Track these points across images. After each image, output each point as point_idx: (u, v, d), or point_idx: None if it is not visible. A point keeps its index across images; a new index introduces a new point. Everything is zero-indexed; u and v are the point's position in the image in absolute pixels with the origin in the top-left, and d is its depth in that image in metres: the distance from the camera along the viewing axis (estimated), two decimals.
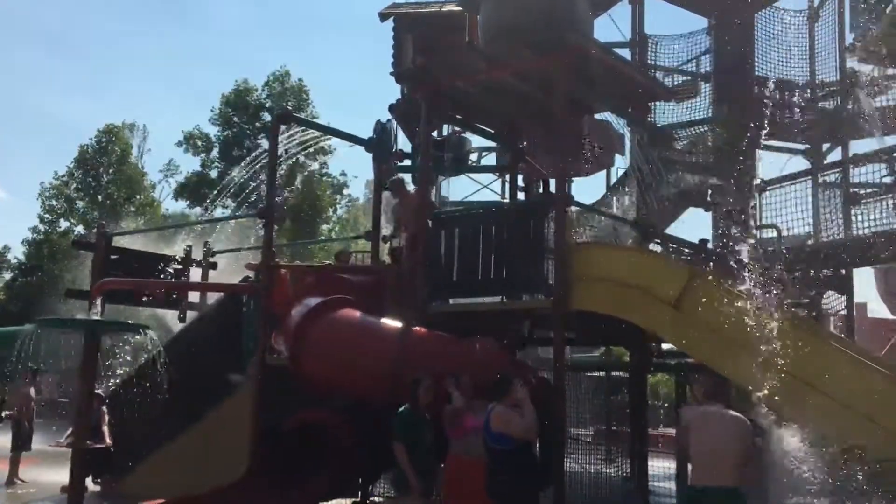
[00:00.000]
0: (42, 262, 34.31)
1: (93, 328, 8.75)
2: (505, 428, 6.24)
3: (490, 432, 6.28)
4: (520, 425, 6.26)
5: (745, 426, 5.54)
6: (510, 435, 6.25)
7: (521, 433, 6.27)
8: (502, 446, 6.24)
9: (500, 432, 6.24)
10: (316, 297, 8.99)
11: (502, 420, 6.27)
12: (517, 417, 6.29)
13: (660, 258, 8.93)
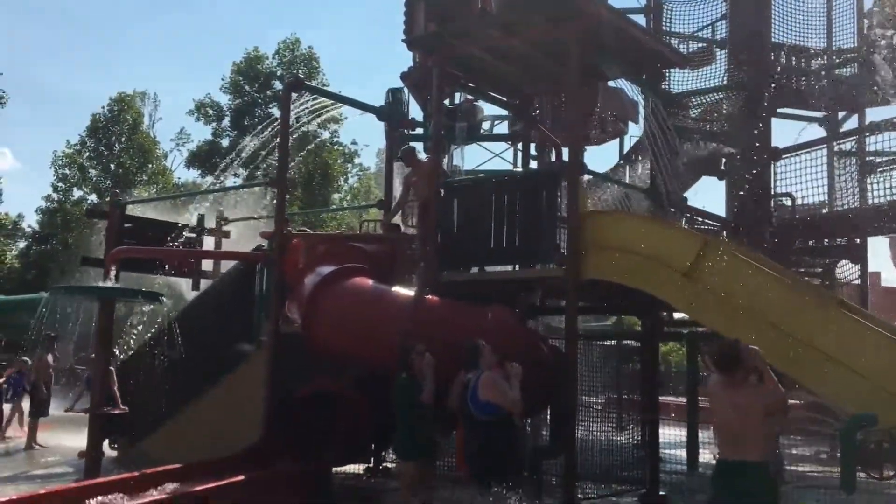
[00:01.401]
0: (56, 230, 34.54)
1: (108, 296, 8.83)
2: (494, 397, 6.24)
3: (476, 400, 6.27)
4: (509, 396, 6.26)
5: (766, 397, 5.15)
6: (497, 405, 6.25)
7: (508, 404, 6.27)
8: (486, 415, 6.24)
9: (486, 401, 6.24)
10: (329, 266, 9.02)
11: (492, 389, 6.25)
12: (507, 388, 6.29)
13: (673, 227, 8.89)
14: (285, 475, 7.78)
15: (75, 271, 17.79)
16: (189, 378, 10.25)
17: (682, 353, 25.59)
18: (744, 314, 6.89)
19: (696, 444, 11.44)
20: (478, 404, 6.26)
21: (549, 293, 10.11)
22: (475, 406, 6.28)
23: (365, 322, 8.36)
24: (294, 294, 9.32)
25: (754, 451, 5.00)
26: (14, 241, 36.08)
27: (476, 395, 6.26)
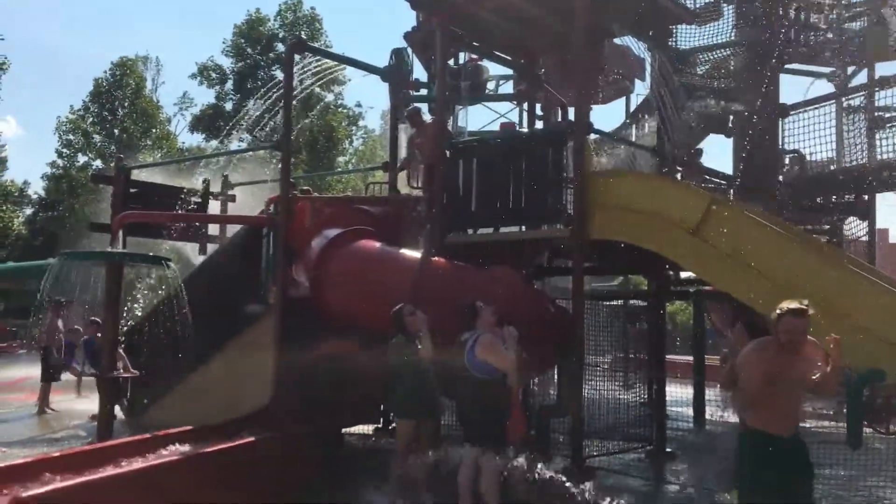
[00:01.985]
0: (62, 197, 34.60)
1: (115, 260, 8.86)
2: (491, 357, 6.28)
3: (473, 359, 6.31)
4: (505, 357, 6.30)
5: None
6: (493, 365, 6.29)
7: (504, 365, 6.31)
8: (482, 375, 6.29)
9: (483, 360, 6.28)
10: (335, 229, 9.02)
11: (489, 349, 6.29)
12: (503, 349, 6.32)
13: (679, 185, 8.85)
14: (296, 436, 7.86)
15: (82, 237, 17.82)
16: (197, 342, 10.32)
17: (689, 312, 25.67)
18: (751, 272, 6.88)
19: (702, 402, 11.53)
20: (474, 363, 6.31)
21: (556, 254, 10.11)
22: (472, 365, 6.32)
23: (371, 284, 8.38)
24: (300, 257, 9.33)
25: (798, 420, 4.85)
26: (21, 208, 36.18)
27: (473, 355, 6.31)
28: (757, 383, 4.62)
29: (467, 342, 6.43)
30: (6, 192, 34.19)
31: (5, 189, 34.22)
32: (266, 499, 6.78)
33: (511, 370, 6.44)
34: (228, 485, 6.53)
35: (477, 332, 6.43)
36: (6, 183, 34.88)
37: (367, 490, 7.75)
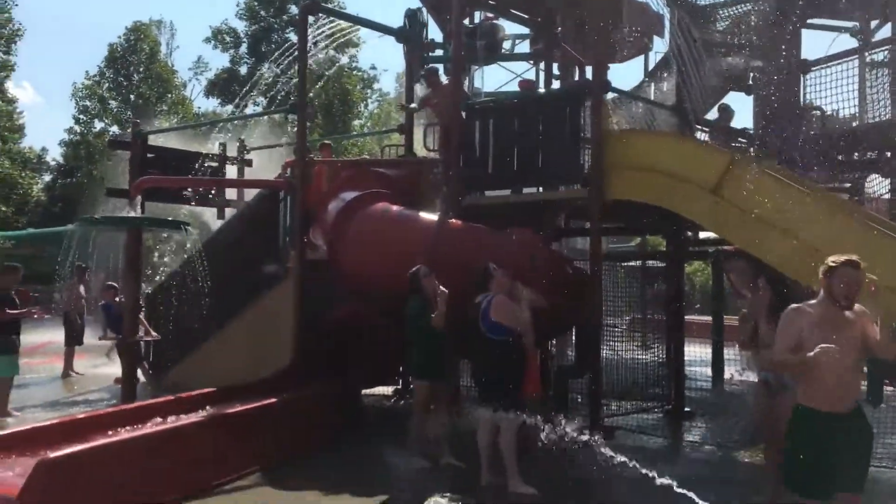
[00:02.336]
0: (80, 163, 34.76)
1: (134, 225, 8.91)
2: (505, 318, 6.29)
3: (488, 321, 6.33)
4: (519, 318, 6.32)
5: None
6: (507, 326, 6.31)
7: (518, 326, 6.33)
8: (496, 336, 6.31)
9: (497, 322, 6.30)
10: (352, 192, 9.02)
11: (503, 310, 6.31)
12: (517, 310, 6.33)
13: (699, 144, 8.75)
14: (316, 397, 7.95)
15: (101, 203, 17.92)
16: (217, 306, 10.41)
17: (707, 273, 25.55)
18: (771, 231, 6.82)
19: (720, 362, 11.53)
20: (489, 325, 6.33)
21: (574, 215, 10.07)
22: (486, 327, 6.35)
23: (389, 247, 8.39)
24: (318, 220, 9.36)
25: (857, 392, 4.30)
26: (39, 175, 36.40)
27: (487, 316, 6.33)
28: (806, 348, 4.00)
29: (481, 304, 6.44)
30: (25, 158, 34.35)
31: (24, 156, 34.37)
32: (287, 458, 6.89)
33: (526, 331, 6.46)
34: (250, 444, 6.64)
35: (491, 295, 6.44)
36: (24, 150, 35.03)
37: (386, 449, 7.86)
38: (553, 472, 6.83)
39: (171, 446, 5.96)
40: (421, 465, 6.90)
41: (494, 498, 6.15)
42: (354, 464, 7.16)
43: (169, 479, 5.70)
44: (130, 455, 5.57)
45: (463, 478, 6.55)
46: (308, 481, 6.29)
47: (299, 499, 5.98)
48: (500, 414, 6.23)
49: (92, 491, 5.05)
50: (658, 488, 6.52)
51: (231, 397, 7.61)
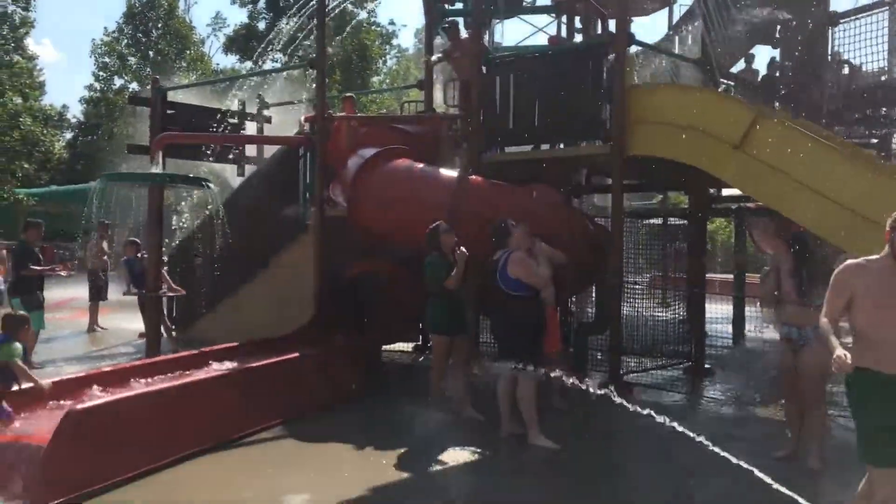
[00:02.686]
0: (100, 120, 34.84)
1: (156, 182, 8.94)
2: (523, 275, 6.28)
3: (506, 277, 6.33)
4: (537, 274, 6.30)
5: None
6: (526, 282, 6.30)
7: (536, 282, 6.31)
8: (515, 292, 6.31)
9: (516, 278, 6.29)
10: (371, 148, 8.98)
11: (521, 267, 6.29)
12: (535, 266, 6.31)
13: (723, 98, 8.59)
14: (337, 352, 8.02)
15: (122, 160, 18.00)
16: (239, 263, 10.49)
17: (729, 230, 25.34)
18: (797, 187, 6.73)
19: (742, 319, 11.49)
20: (507, 281, 6.33)
21: (595, 171, 9.98)
22: (504, 283, 6.35)
23: (408, 203, 8.37)
24: (338, 177, 9.34)
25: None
26: (61, 133, 36.53)
27: (506, 273, 6.33)
28: (858, 309, 3.80)
29: (499, 261, 6.44)
30: (46, 116, 34.45)
31: (45, 113, 34.46)
32: (309, 412, 6.98)
33: (544, 287, 6.45)
34: (272, 398, 6.73)
35: (509, 251, 6.43)
36: (46, 107, 35.12)
37: (406, 403, 7.94)
38: (573, 427, 6.89)
39: (195, 399, 6.05)
40: (441, 419, 6.97)
41: (513, 450, 6.21)
42: (375, 418, 7.25)
43: (193, 430, 5.80)
44: (155, 407, 5.66)
45: (482, 431, 6.62)
46: (329, 435, 6.38)
47: (321, 451, 6.08)
48: (518, 368, 6.27)
49: (118, 441, 5.15)
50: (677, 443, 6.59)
51: (254, 352, 7.70)
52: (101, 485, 4.88)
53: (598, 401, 7.98)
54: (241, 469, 5.57)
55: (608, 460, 6.29)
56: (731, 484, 5.49)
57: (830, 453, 5.68)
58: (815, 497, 5.00)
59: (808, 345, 5.50)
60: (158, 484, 5.15)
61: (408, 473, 5.52)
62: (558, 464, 5.92)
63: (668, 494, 5.33)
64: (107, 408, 5.23)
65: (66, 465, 4.76)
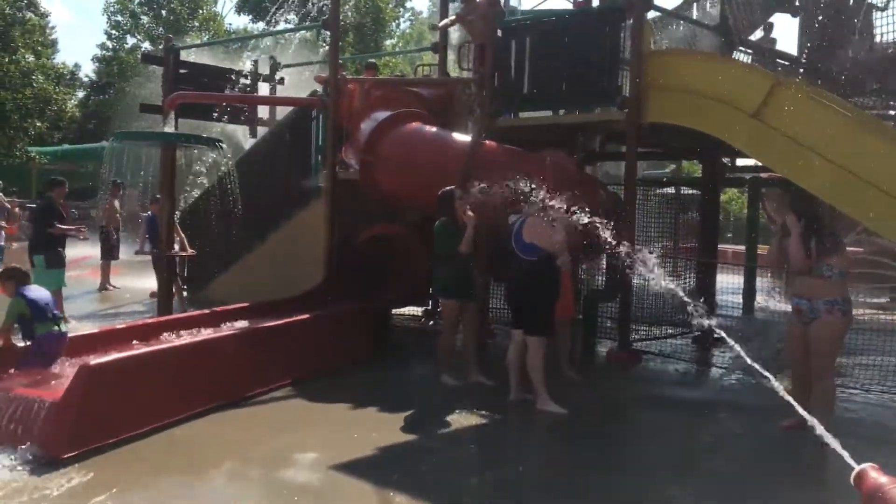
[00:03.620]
0: (112, 79, 34.75)
1: (169, 140, 8.93)
2: (539, 240, 6.25)
3: (521, 241, 6.31)
4: (552, 239, 6.27)
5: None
6: (541, 247, 6.27)
7: (552, 247, 6.29)
8: (529, 256, 6.29)
9: (531, 243, 6.27)
10: (385, 111, 8.93)
11: (536, 232, 6.26)
12: (550, 231, 6.27)
13: (741, 65, 8.49)
14: (347, 315, 8.06)
15: (134, 119, 17.99)
16: (251, 224, 10.51)
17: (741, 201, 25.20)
18: (815, 157, 6.65)
19: (752, 291, 11.45)
20: (522, 246, 6.32)
21: (609, 138, 9.90)
22: (519, 247, 6.33)
23: (421, 167, 8.34)
24: (351, 139, 9.31)
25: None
26: (73, 91, 36.48)
27: (521, 237, 6.31)
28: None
29: (514, 225, 6.42)
30: (58, 74, 34.39)
31: (57, 71, 34.41)
32: (318, 374, 7.03)
33: (559, 252, 6.44)
34: (282, 359, 6.77)
35: (524, 216, 6.40)
36: (58, 65, 35.04)
37: (414, 367, 7.99)
38: (583, 395, 6.93)
39: (207, 357, 6.10)
40: (449, 383, 7.01)
41: (521, 415, 6.25)
42: (384, 381, 7.30)
43: (204, 388, 5.85)
44: (167, 364, 5.72)
45: (491, 396, 6.66)
46: (339, 396, 6.43)
47: (331, 412, 6.13)
48: (532, 335, 6.29)
49: (129, 397, 5.21)
50: (685, 410, 6.62)
51: (265, 313, 7.75)
52: (115, 439, 4.94)
53: (608, 368, 8.11)
54: (253, 427, 5.62)
55: (616, 427, 6.32)
56: (739, 451, 5.52)
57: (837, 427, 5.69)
58: (818, 469, 5.04)
59: (818, 317, 5.48)
60: (171, 440, 5.21)
61: (415, 435, 5.56)
62: (566, 429, 5.96)
63: (675, 461, 5.36)
64: (119, 364, 5.28)
65: (79, 419, 4.82)
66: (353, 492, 4.37)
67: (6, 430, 4.76)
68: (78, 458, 4.66)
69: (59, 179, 9.67)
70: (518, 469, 5.01)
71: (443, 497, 4.37)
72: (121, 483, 4.38)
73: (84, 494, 4.22)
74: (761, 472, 5.04)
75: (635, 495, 4.57)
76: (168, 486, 4.36)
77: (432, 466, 4.99)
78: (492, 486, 4.66)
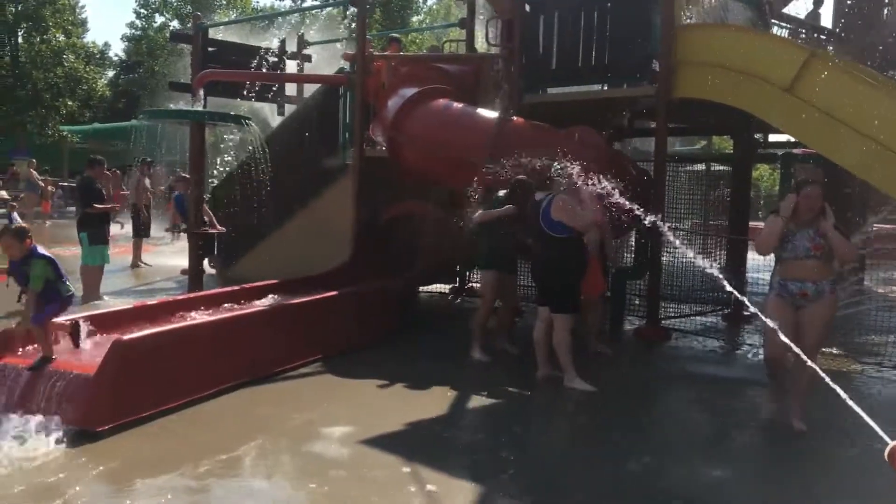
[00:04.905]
0: (142, 58, 34.99)
1: (198, 119, 8.98)
2: (567, 217, 6.20)
3: (548, 219, 6.27)
4: (579, 217, 6.22)
5: None
6: (569, 225, 6.23)
7: (580, 224, 6.24)
8: (557, 234, 6.26)
9: (558, 220, 6.23)
10: (412, 88, 8.90)
11: (563, 209, 6.21)
12: (577, 210, 6.23)
13: (774, 39, 8.32)
14: (374, 292, 8.09)
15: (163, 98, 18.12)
16: (279, 202, 10.56)
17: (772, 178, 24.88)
18: (848, 132, 6.53)
19: None
20: (549, 223, 6.28)
21: (639, 114, 9.79)
22: (547, 224, 6.30)
23: (448, 144, 8.32)
24: (378, 116, 9.29)
25: None
26: (103, 70, 36.80)
27: (548, 215, 6.28)
28: None
29: (542, 203, 6.38)
30: (88, 53, 34.68)
31: (87, 51, 34.69)
32: (345, 350, 7.08)
33: (586, 230, 6.40)
34: (311, 335, 6.83)
35: (552, 193, 6.36)
36: (88, 45, 35.32)
37: (441, 342, 8.02)
38: (609, 371, 6.92)
39: (237, 333, 6.17)
40: (479, 358, 7.04)
41: (548, 391, 6.25)
42: (410, 357, 7.33)
43: (234, 364, 5.92)
44: (198, 339, 5.79)
45: (519, 371, 6.67)
46: (366, 371, 6.47)
47: (358, 387, 6.17)
48: (555, 311, 6.28)
49: (162, 371, 5.29)
50: (714, 389, 6.59)
51: (293, 290, 7.81)
52: (148, 412, 5.03)
53: (636, 345, 8.08)
54: (282, 402, 5.69)
55: (643, 403, 6.30)
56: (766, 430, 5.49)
57: (872, 405, 5.62)
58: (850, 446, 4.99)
59: (821, 297, 5.32)
60: (202, 413, 5.29)
61: (442, 410, 5.59)
62: (593, 406, 5.96)
63: (702, 437, 5.34)
64: (151, 339, 5.36)
65: (113, 393, 4.91)
66: (382, 465, 4.41)
67: (44, 403, 4.86)
68: (113, 431, 4.75)
69: (98, 159, 9.78)
70: (544, 445, 5.02)
71: (468, 471, 4.40)
72: (155, 456, 4.46)
73: (120, 467, 4.31)
74: (794, 452, 5.01)
75: (663, 474, 4.56)
76: (201, 459, 4.43)
77: (458, 441, 5.03)
78: (517, 461, 4.68)
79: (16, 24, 30.72)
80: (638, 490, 4.27)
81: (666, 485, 4.33)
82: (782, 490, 4.36)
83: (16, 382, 5.02)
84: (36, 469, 4.16)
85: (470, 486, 4.14)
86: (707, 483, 4.42)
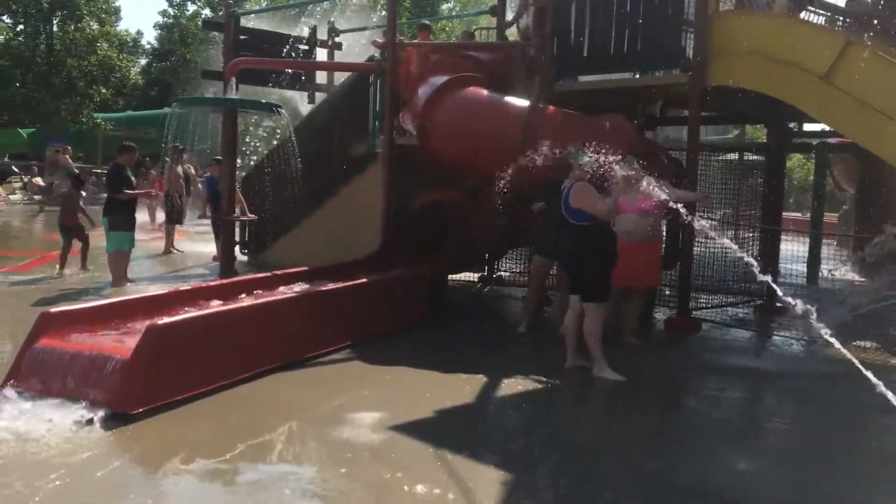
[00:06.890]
0: (174, 46, 35.30)
1: (230, 107, 9.04)
2: (584, 205, 6.15)
3: (568, 206, 6.24)
4: (598, 205, 6.14)
5: None
6: (588, 212, 6.17)
7: (598, 212, 6.17)
8: (578, 221, 6.22)
9: (578, 208, 6.19)
10: (442, 76, 8.89)
11: (582, 197, 6.16)
12: (597, 197, 6.16)
13: (810, 26, 8.19)
14: (404, 280, 8.11)
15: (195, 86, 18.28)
16: (310, 190, 10.63)
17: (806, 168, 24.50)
18: (886, 121, 6.42)
19: (817, 259, 11.15)
20: (569, 210, 6.26)
21: (671, 102, 9.70)
22: (567, 211, 6.27)
23: (479, 132, 8.30)
24: (408, 104, 9.30)
25: None
26: (136, 59, 37.18)
27: (568, 202, 6.25)
28: None
29: (564, 190, 6.36)
30: (122, 41, 35.04)
31: (121, 39, 35.06)
32: (377, 335, 7.12)
33: (605, 217, 6.28)
34: (341, 321, 6.87)
35: (572, 180, 6.32)
36: (121, 33, 35.69)
37: (470, 330, 8.03)
38: (639, 361, 6.88)
39: (269, 319, 6.22)
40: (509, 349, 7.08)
41: (578, 381, 6.24)
42: (439, 344, 7.35)
43: (265, 349, 5.97)
44: (230, 325, 5.85)
45: (548, 360, 6.66)
46: (396, 358, 6.50)
47: (386, 373, 6.19)
48: (585, 300, 6.26)
49: (194, 356, 5.36)
50: (746, 378, 6.53)
51: (323, 277, 7.86)
52: (181, 396, 5.10)
53: (666, 336, 8.03)
54: (313, 387, 5.74)
55: (672, 394, 6.27)
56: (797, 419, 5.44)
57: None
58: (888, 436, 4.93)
59: None
60: (235, 398, 5.35)
61: (470, 397, 5.60)
62: (622, 396, 5.94)
63: (732, 430, 5.31)
64: (185, 324, 5.43)
65: (147, 377, 4.98)
66: (412, 451, 4.44)
67: (79, 385, 4.95)
68: (147, 414, 4.82)
69: (129, 145, 9.90)
70: (573, 436, 5.02)
71: (497, 458, 4.41)
72: (188, 439, 4.53)
73: (155, 449, 4.38)
74: (830, 443, 4.96)
75: (695, 467, 4.52)
76: (233, 443, 4.48)
77: (487, 428, 5.05)
78: (547, 451, 4.68)
79: (51, 12, 31.11)
80: (667, 483, 4.24)
81: (695, 478, 4.31)
82: (816, 485, 4.32)
83: (53, 365, 5.12)
84: (70, 451, 4.24)
85: (499, 473, 4.15)
86: (737, 477, 4.38)
